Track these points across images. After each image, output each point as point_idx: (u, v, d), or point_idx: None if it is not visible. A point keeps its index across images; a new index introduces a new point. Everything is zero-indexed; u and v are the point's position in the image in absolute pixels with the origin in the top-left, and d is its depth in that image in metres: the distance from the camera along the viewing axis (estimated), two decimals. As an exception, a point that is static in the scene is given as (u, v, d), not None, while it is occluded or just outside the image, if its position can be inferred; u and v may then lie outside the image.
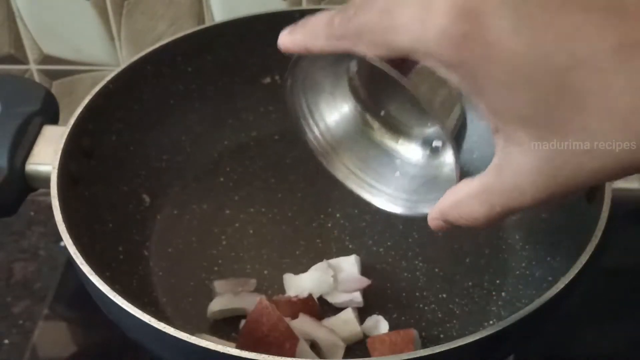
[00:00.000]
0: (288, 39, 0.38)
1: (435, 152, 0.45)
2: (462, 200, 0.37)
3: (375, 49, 0.34)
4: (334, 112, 0.45)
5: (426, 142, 0.45)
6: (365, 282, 0.54)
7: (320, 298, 0.54)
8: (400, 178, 0.45)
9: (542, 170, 0.33)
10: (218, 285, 0.54)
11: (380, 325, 0.52)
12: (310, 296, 0.52)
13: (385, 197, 0.45)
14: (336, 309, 0.54)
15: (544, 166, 0.33)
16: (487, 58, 0.31)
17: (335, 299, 0.54)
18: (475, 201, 0.36)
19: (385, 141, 0.46)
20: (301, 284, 0.54)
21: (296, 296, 0.52)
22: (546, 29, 0.30)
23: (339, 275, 0.54)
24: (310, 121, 0.45)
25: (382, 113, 0.45)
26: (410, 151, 0.45)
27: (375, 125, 0.45)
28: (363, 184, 0.46)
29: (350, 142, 0.46)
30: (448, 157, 0.42)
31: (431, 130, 0.44)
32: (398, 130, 0.45)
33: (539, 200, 0.34)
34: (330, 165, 0.46)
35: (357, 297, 0.53)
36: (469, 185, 0.37)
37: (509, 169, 0.34)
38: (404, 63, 0.36)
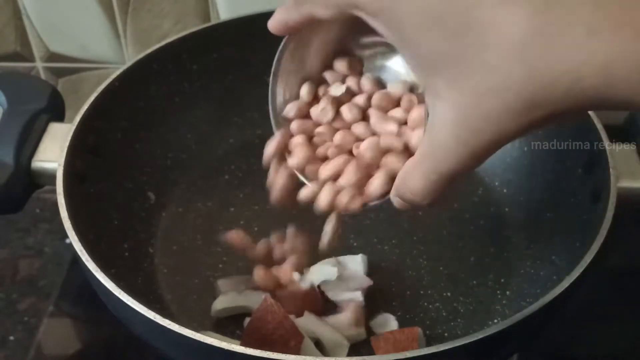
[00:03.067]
0: (270, 21, 0.41)
1: None
2: (407, 174, 0.37)
3: (329, 10, 0.37)
4: None
5: None
6: (367, 282, 0.54)
7: (323, 295, 0.54)
8: None
9: (458, 120, 0.33)
10: (222, 283, 0.54)
11: (389, 323, 0.52)
12: (313, 288, 0.52)
13: None
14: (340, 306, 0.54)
15: (459, 115, 0.33)
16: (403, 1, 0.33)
17: (336, 296, 0.54)
18: (415, 173, 0.36)
19: None
20: (306, 275, 0.54)
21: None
22: None
23: (343, 273, 0.54)
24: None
25: None
26: None
27: None
28: None
29: None
30: None
31: None
32: None
33: (464, 160, 0.33)
34: None
35: (358, 296, 0.53)
36: (413, 157, 0.37)
37: (435, 127, 0.34)
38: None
